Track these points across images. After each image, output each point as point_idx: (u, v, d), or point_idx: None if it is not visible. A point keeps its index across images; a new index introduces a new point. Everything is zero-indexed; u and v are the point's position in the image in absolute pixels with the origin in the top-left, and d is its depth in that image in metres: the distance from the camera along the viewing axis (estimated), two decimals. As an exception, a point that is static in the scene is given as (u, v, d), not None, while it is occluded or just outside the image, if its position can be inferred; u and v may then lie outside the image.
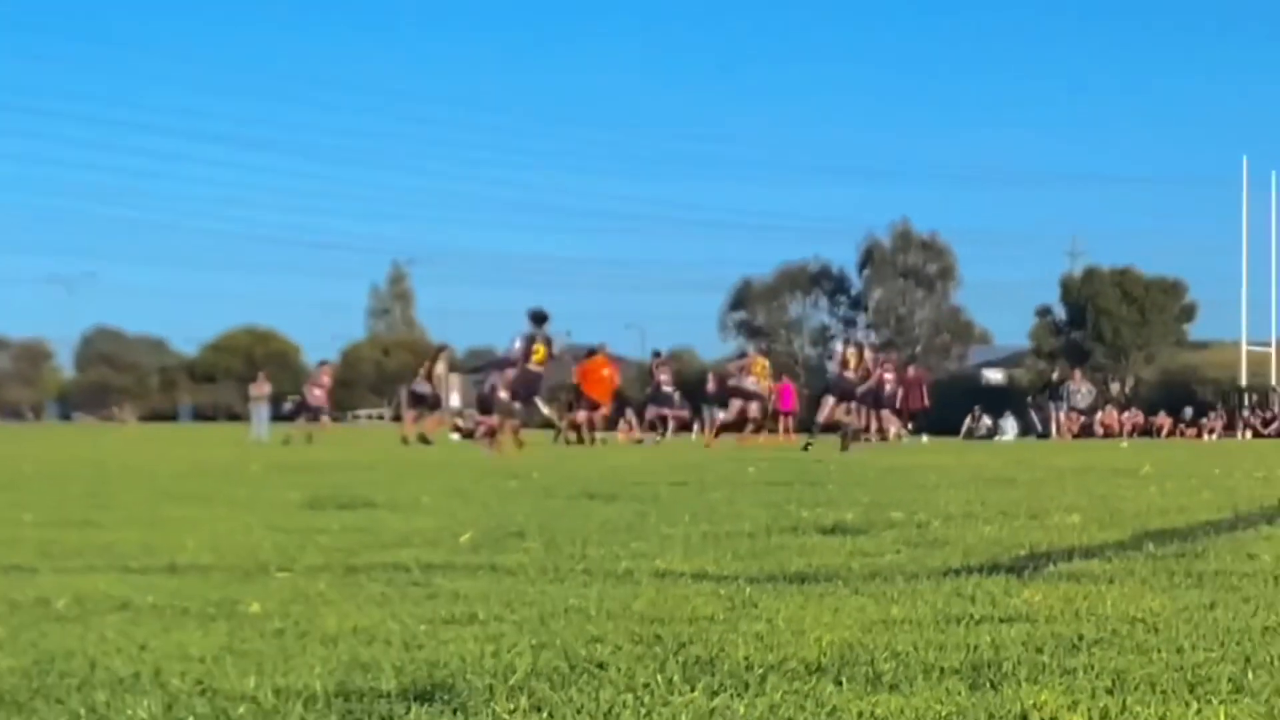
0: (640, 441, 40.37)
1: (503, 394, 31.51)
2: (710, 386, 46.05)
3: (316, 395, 43.64)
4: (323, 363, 47.02)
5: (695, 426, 50.65)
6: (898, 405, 52.56)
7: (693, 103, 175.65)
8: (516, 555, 7.75)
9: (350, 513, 10.97)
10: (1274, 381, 63.03)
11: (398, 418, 63.79)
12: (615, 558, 7.58)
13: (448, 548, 8.21)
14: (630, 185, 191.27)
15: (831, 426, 35.21)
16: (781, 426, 45.08)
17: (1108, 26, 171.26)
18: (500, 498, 12.89)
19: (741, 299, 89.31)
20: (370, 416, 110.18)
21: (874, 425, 41.34)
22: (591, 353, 40.66)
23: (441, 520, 10.14)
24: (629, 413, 46.17)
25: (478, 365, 75.99)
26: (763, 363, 39.10)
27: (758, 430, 38.67)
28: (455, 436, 42.83)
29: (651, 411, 45.17)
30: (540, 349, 31.90)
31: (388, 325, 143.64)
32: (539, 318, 32.02)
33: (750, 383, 38.17)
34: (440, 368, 40.38)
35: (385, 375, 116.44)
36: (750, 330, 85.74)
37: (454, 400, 59.96)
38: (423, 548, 8.16)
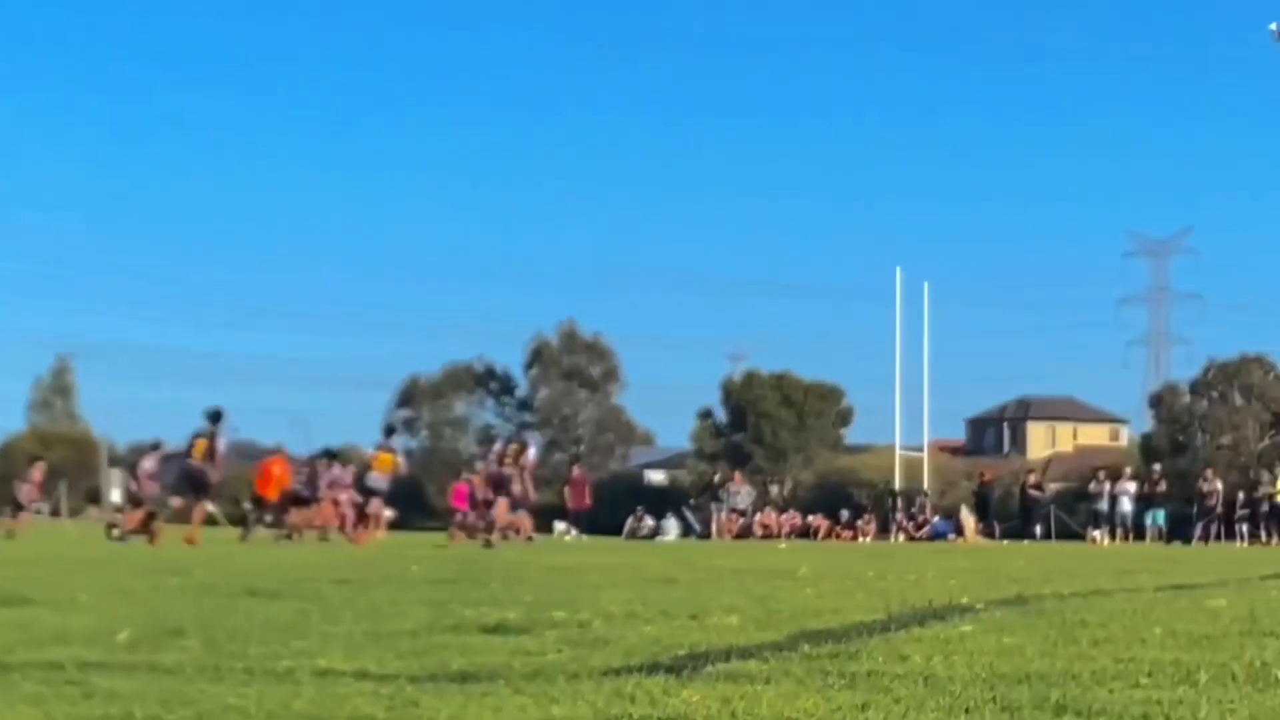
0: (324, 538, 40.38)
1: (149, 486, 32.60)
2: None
3: (26, 491, 44.53)
4: (35, 458, 47.70)
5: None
6: (568, 505, 53.12)
7: (361, 201, 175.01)
8: (175, 654, 7.64)
9: (5, 609, 10.69)
10: (925, 485, 64.75)
11: (56, 512, 62.47)
12: (276, 656, 7.52)
13: (105, 646, 8.05)
14: (298, 281, 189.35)
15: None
16: (457, 524, 44.90)
17: (765, 134, 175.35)
18: (161, 595, 12.67)
19: (408, 396, 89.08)
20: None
21: (521, 526, 41.46)
22: (275, 451, 41.45)
23: (100, 618, 9.93)
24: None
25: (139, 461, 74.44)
26: (388, 458, 39.03)
27: (374, 526, 38.53)
28: (116, 532, 42.13)
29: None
30: (201, 444, 32.58)
31: (49, 418, 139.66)
32: (214, 416, 33.27)
33: (374, 478, 38.39)
34: (149, 464, 39.80)
35: (46, 470, 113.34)
36: (387, 430, 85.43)
37: (115, 496, 58.91)
38: (79, 646, 7.99)
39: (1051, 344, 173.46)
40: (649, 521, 62.93)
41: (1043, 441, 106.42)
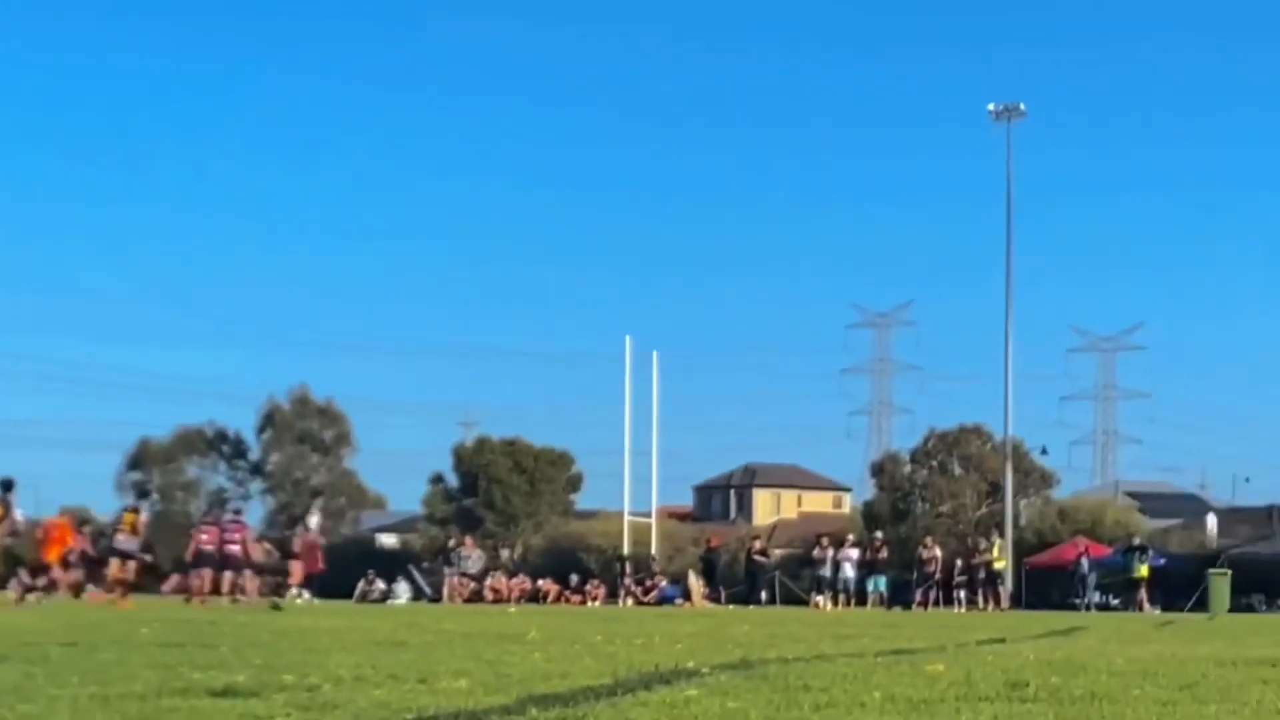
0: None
1: None
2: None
3: None
4: None
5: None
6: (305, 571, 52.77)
7: (89, 264, 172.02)
8: (-104, 718, 7.54)
9: None
10: (654, 550, 65.25)
11: None
12: (1, 720, 7.45)
13: None
14: (25, 343, 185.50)
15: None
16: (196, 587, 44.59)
17: (498, 202, 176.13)
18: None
19: (138, 460, 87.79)
20: None
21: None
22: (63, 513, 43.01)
23: None
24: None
25: None
26: (133, 519, 39.80)
27: (125, 589, 38.50)
28: None
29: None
30: None
31: None
32: (6, 485, 34.26)
33: (121, 539, 38.87)
34: None
35: None
36: (140, 491, 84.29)
37: None
38: None
39: (778, 413, 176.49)
40: (380, 585, 62.62)
41: (768, 508, 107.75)
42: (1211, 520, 74.20)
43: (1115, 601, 58.47)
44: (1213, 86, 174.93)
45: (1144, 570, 55.51)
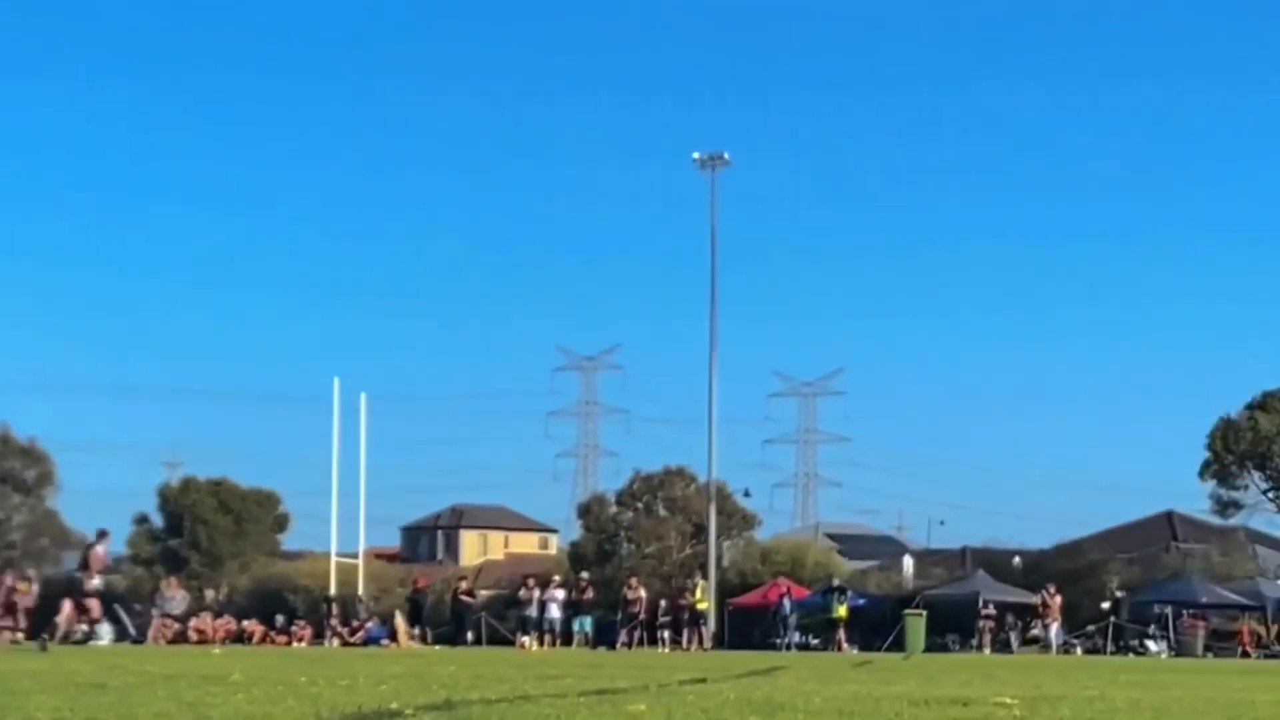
0: None
1: None
2: None
3: None
4: None
5: None
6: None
7: None
8: None
9: None
10: (360, 591, 64.99)
11: None
12: None
13: None
14: None
15: None
16: None
17: (202, 236, 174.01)
18: None
19: None
20: None
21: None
22: None
23: None
24: None
25: None
26: None
27: None
28: None
29: None
30: None
31: None
32: None
33: None
34: None
35: None
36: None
37: None
38: None
39: (485, 455, 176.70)
40: (82, 626, 61.51)
41: (475, 549, 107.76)
42: (908, 562, 76.04)
43: (815, 641, 59.64)
44: (909, 137, 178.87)
45: (843, 610, 56.79)
